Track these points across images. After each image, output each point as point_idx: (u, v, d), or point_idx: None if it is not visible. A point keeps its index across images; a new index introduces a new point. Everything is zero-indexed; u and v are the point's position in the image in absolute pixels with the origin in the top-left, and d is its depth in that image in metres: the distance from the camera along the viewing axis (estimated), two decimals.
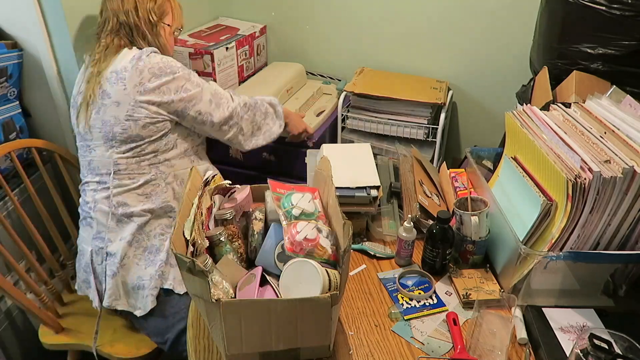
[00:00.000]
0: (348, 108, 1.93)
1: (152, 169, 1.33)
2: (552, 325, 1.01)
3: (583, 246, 1.02)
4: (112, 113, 1.26)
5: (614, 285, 1.08)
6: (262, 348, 0.89)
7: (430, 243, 1.15)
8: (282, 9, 2.11)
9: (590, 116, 1.13)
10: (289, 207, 1.00)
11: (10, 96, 1.51)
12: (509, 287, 1.09)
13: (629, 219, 0.99)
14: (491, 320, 1.05)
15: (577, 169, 0.97)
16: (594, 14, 1.34)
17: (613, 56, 1.36)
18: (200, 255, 0.92)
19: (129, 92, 1.25)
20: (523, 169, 1.13)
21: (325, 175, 1.07)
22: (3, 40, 1.47)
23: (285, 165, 1.82)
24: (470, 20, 1.90)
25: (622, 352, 0.83)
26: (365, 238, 1.30)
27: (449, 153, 2.21)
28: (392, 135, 1.88)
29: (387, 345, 1.01)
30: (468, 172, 1.35)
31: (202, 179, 1.05)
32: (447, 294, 1.13)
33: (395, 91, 1.84)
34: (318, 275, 0.86)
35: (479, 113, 2.08)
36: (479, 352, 0.98)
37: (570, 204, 0.96)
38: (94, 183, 1.33)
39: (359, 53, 2.12)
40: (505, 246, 1.12)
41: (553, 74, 1.47)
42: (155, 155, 1.33)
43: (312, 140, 1.75)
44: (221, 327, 0.84)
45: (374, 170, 1.32)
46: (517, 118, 1.19)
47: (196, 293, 0.85)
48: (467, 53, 1.97)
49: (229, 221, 1.04)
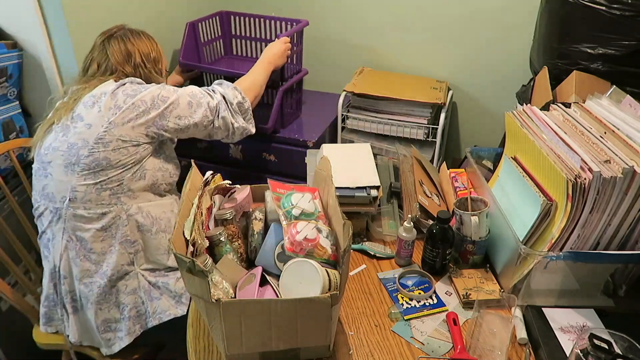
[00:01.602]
0: (348, 108, 1.93)
1: (112, 199, 1.23)
2: (552, 325, 1.01)
3: (583, 246, 1.02)
4: (82, 136, 1.19)
5: (614, 285, 1.08)
6: (262, 348, 0.89)
7: (430, 243, 1.15)
8: (282, 9, 2.11)
9: (590, 116, 1.13)
10: (289, 207, 1.00)
11: (10, 96, 1.51)
12: (509, 287, 1.09)
13: (629, 219, 0.99)
14: (491, 320, 1.05)
15: (577, 169, 0.97)
16: (594, 14, 1.34)
17: (613, 56, 1.36)
18: (200, 255, 0.92)
19: (102, 114, 1.20)
20: (523, 169, 1.13)
21: (325, 175, 1.07)
22: (3, 40, 1.47)
23: (285, 165, 1.82)
24: (471, 21, 1.91)
25: (622, 352, 0.83)
26: (365, 238, 1.30)
27: (449, 153, 2.21)
28: (392, 135, 1.88)
29: (387, 345, 1.01)
30: (468, 172, 1.35)
31: (202, 178, 1.05)
32: (447, 294, 1.13)
33: (395, 91, 1.84)
34: (318, 275, 0.86)
35: (479, 113, 2.08)
36: (479, 352, 0.98)
37: (570, 204, 0.96)
38: (48, 212, 1.25)
39: (359, 53, 2.12)
40: (505, 246, 1.12)
41: (553, 74, 1.47)
42: (119, 185, 1.23)
43: (312, 141, 1.75)
44: (221, 327, 0.84)
45: (374, 170, 1.32)
46: (517, 118, 1.19)
47: (196, 293, 0.85)
48: (467, 53, 1.98)
49: (229, 221, 1.04)
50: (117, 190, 1.23)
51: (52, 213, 1.24)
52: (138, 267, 1.29)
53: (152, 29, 1.66)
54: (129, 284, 1.28)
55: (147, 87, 1.26)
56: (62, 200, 1.22)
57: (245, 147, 1.83)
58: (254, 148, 1.82)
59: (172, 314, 1.29)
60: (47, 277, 1.29)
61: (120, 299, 1.27)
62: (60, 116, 1.24)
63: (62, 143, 1.21)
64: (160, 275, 1.31)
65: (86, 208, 1.22)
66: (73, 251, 1.24)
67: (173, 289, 1.31)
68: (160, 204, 1.32)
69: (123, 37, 1.31)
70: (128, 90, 1.24)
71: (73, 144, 1.20)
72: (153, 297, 1.29)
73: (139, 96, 1.23)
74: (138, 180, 1.26)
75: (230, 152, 1.86)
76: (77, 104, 1.23)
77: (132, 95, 1.23)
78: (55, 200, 1.23)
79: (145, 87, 1.26)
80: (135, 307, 1.28)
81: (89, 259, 1.24)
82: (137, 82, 1.29)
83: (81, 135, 1.20)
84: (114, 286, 1.26)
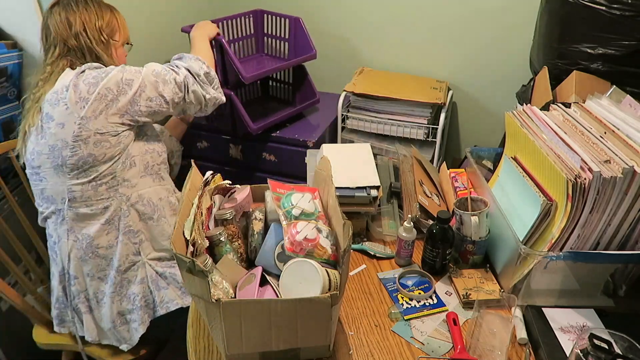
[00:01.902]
0: (348, 108, 1.93)
1: (111, 193, 1.23)
2: (552, 325, 1.01)
3: (583, 246, 1.02)
4: (58, 137, 1.16)
5: (614, 285, 1.08)
6: (262, 348, 0.89)
7: (430, 243, 1.15)
8: (281, 8, 2.10)
9: (590, 116, 1.13)
10: (289, 207, 1.00)
11: (10, 96, 1.51)
12: (509, 287, 1.09)
13: (629, 219, 0.99)
14: (491, 320, 1.05)
15: (577, 169, 0.97)
16: (594, 14, 1.34)
17: (613, 56, 1.36)
18: (200, 255, 0.92)
19: (71, 110, 1.15)
20: (523, 169, 1.13)
21: (325, 175, 1.07)
22: (3, 40, 1.47)
23: (285, 165, 1.82)
24: (471, 21, 1.91)
25: (622, 352, 0.83)
26: (365, 238, 1.30)
27: (449, 153, 2.21)
28: (392, 135, 1.88)
29: (387, 345, 1.01)
30: (468, 172, 1.35)
31: (202, 178, 1.05)
32: (447, 294, 1.13)
33: (395, 91, 1.84)
34: (318, 275, 0.86)
35: (479, 113, 2.08)
36: (479, 352, 0.98)
37: (570, 204, 0.96)
38: (49, 212, 1.25)
39: (359, 53, 2.12)
40: (505, 246, 1.12)
41: (553, 74, 1.47)
42: (113, 177, 1.22)
43: (312, 141, 1.75)
44: (221, 327, 0.84)
45: (374, 170, 1.32)
46: (517, 118, 1.19)
47: (196, 293, 0.85)
48: (467, 53, 1.98)
49: (229, 221, 1.04)
50: (113, 182, 1.22)
51: (55, 215, 1.25)
52: (145, 256, 1.30)
53: (152, 28, 1.67)
54: (137, 274, 1.29)
55: (108, 72, 1.20)
56: (63, 201, 1.22)
57: (245, 147, 1.83)
58: (254, 148, 1.83)
59: (179, 304, 1.31)
60: (56, 279, 1.30)
61: (131, 289, 1.29)
62: (33, 116, 1.21)
63: (43, 146, 1.19)
64: (167, 266, 1.33)
65: (87, 205, 1.22)
66: (80, 250, 1.24)
67: (180, 280, 1.32)
68: (159, 190, 1.32)
69: (66, 5, 1.24)
70: (89, 78, 1.18)
71: (53, 146, 1.18)
72: (160, 287, 1.31)
73: (102, 83, 1.17)
74: (129, 169, 1.25)
75: (230, 152, 1.86)
76: (43, 103, 1.20)
77: (95, 83, 1.17)
78: (56, 201, 1.23)
79: (105, 71, 1.20)
80: (144, 296, 1.29)
81: (97, 254, 1.25)
82: (95, 66, 1.22)
83: (57, 136, 1.17)
84: (125, 277, 1.28)
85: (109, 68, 1.23)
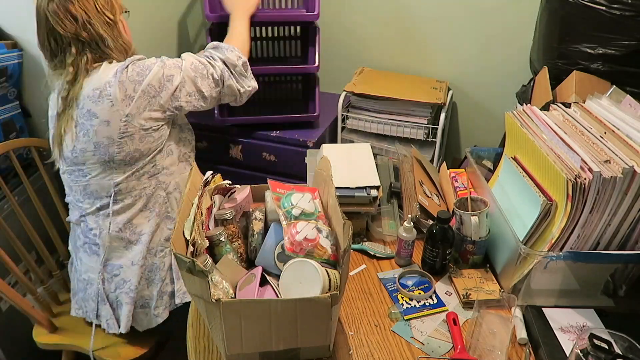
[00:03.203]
0: (348, 108, 1.93)
1: (152, 180, 1.28)
2: (552, 325, 1.01)
3: (583, 246, 1.02)
4: (104, 134, 1.18)
5: (614, 285, 1.08)
6: (262, 348, 0.89)
7: (430, 243, 1.15)
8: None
9: (590, 116, 1.13)
10: (289, 207, 1.00)
11: (10, 96, 1.51)
12: (509, 287, 1.09)
13: (629, 219, 0.99)
14: (491, 320, 1.05)
15: (577, 169, 0.97)
16: (594, 14, 1.34)
17: (613, 56, 1.36)
18: (200, 255, 0.92)
19: (117, 108, 1.17)
20: (523, 169, 1.13)
21: (325, 175, 1.07)
22: (3, 40, 1.46)
23: (285, 165, 1.82)
24: (471, 20, 1.91)
25: (622, 352, 0.83)
26: (365, 238, 1.30)
27: (449, 153, 2.21)
28: (392, 135, 1.88)
29: (387, 345, 1.01)
30: (468, 172, 1.35)
31: (202, 178, 1.05)
32: (447, 294, 1.13)
33: (395, 91, 1.84)
34: (318, 275, 0.86)
35: (479, 113, 2.08)
36: (479, 352, 0.98)
37: (570, 204, 0.96)
38: (94, 208, 1.28)
39: (359, 53, 2.12)
40: (505, 246, 1.12)
41: (553, 74, 1.47)
42: (154, 166, 1.28)
43: (312, 141, 1.75)
44: (221, 327, 0.84)
45: (374, 170, 1.32)
46: (517, 118, 1.19)
47: (196, 293, 0.85)
48: (467, 53, 1.98)
49: (229, 221, 1.04)
50: (154, 171, 1.28)
51: (98, 209, 1.28)
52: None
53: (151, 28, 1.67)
54: (165, 261, 1.32)
55: (150, 68, 1.22)
56: (109, 195, 1.26)
57: (245, 147, 1.83)
58: (254, 148, 1.82)
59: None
60: (95, 272, 1.31)
61: (159, 275, 1.31)
62: (68, 121, 1.20)
63: (87, 144, 1.20)
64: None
65: (132, 196, 1.27)
66: (124, 241, 1.28)
67: None
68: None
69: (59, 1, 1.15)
70: (133, 75, 1.19)
71: (99, 143, 1.20)
72: (180, 276, 1.32)
73: (146, 81, 1.20)
74: (167, 157, 1.31)
75: (230, 152, 1.86)
76: (80, 100, 1.18)
77: (139, 81, 1.20)
78: (102, 196, 1.27)
79: (148, 67, 1.22)
80: (166, 283, 1.32)
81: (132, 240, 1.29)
82: (137, 59, 1.23)
83: (103, 133, 1.19)
84: (154, 262, 1.31)
85: (150, 62, 1.24)
